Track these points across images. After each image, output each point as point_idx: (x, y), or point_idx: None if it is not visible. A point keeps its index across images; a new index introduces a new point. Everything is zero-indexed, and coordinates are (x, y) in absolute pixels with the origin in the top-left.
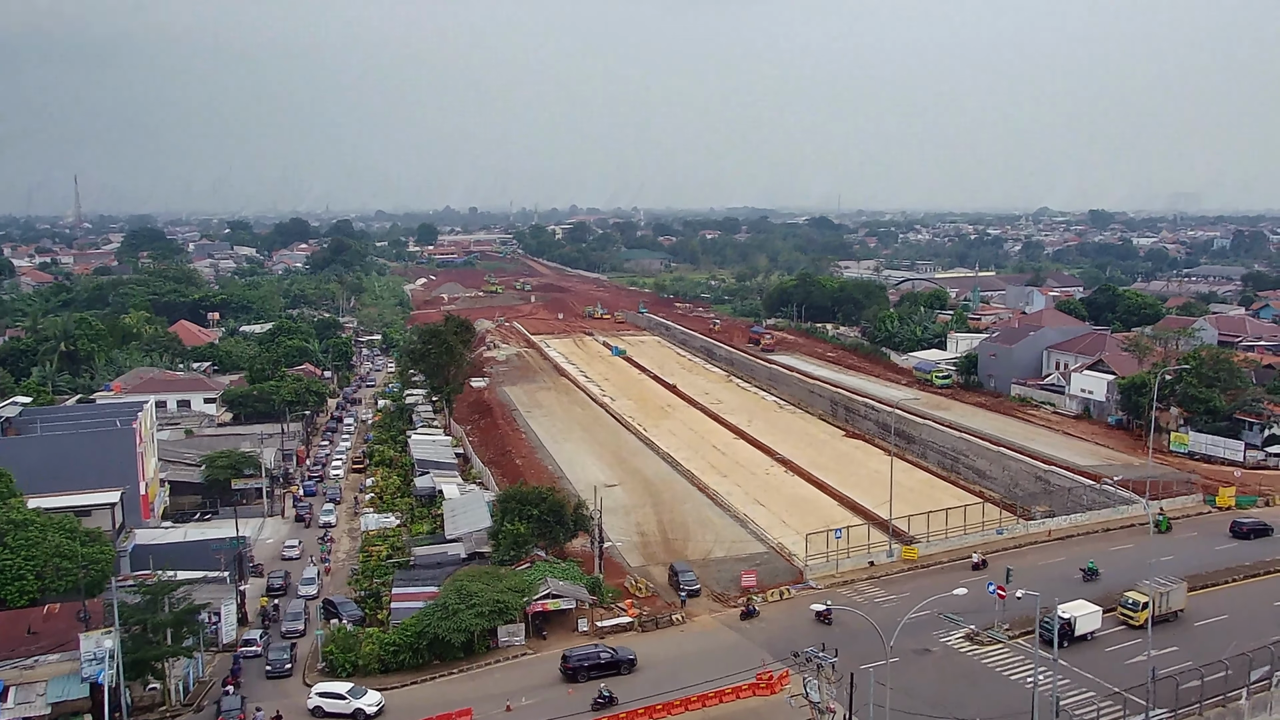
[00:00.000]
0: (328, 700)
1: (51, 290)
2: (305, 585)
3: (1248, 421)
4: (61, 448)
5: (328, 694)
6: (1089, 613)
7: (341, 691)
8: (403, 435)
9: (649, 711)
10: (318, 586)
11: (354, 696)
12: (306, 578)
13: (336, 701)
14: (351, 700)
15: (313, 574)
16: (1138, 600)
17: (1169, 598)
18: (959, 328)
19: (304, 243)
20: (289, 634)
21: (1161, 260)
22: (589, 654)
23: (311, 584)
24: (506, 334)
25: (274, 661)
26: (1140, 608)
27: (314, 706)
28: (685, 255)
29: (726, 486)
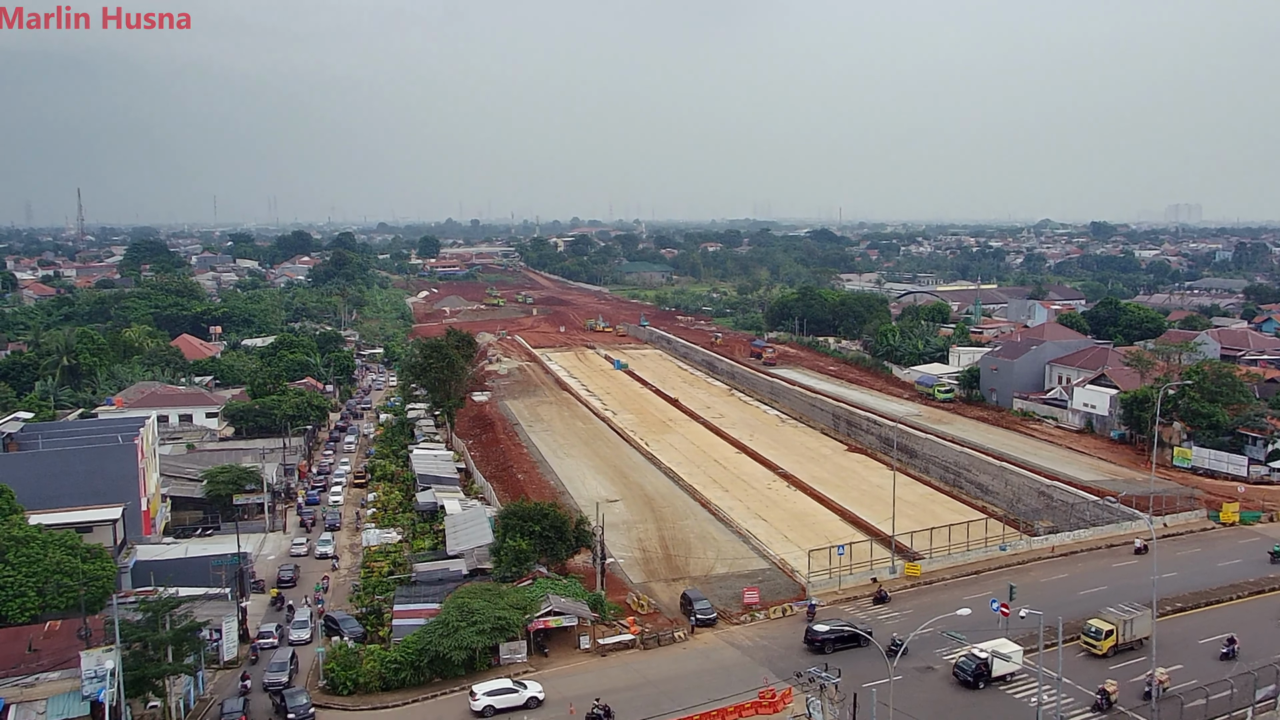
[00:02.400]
0: (498, 697)
1: (53, 303)
2: (298, 629)
3: (1251, 436)
4: (63, 463)
5: (495, 691)
6: (1009, 653)
7: (508, 685)
8: (404, 450)
9: (968, 654)
10: (310, 631)
11: (521, 687)
12: (299, 621)
13: (508, 695)
14: (522, 691)
15: (305, 616)
16: (1100, 628)
17: (1133, 625)
18: (961, 341)
19: (306, 255)
20: (271, 686)
21: (1163, 273)
22: None
23: (304, 628)
24: (508, 347)
25: None
26: (1104, 636)
27: (483, 707)
28: (687, 268)
29: (728, 502)
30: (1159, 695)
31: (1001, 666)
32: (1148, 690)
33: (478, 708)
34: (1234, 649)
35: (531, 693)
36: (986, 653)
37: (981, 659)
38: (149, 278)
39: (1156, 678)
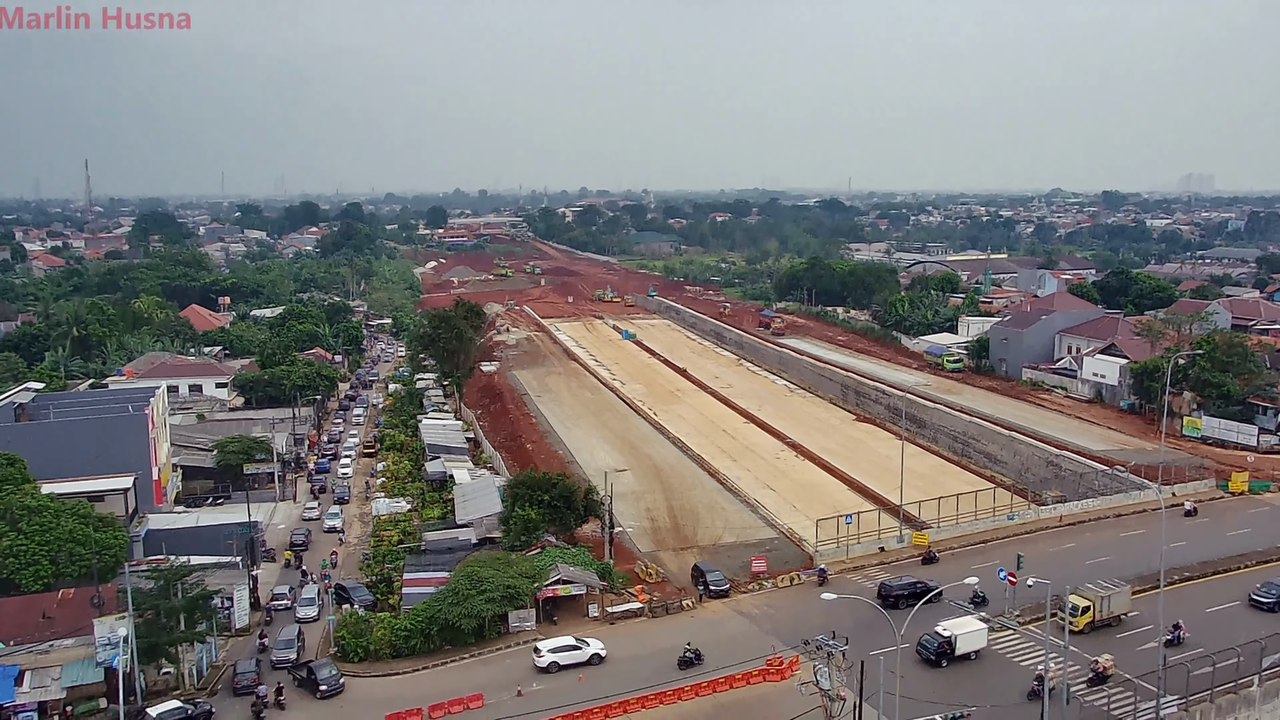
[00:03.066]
0: (562, 654)
1: (63, 275)
2: (304, 606)
3: (1261, 406)
4: (74, 433)
5: (559, 648)
6: (972, 631)
7: (571, 641)
8: (413, 420)
9: (659, 697)
10: (318, 608)
11: (584, 644)
12: (305, 598)
13: (571, 652)
14: (585, 647)
15: (312, 593)
16: (1078, 604)
17: (1110, 602)
18: (970, 311)
19: (314, 226)
20: (280, 664)
21: (1175, 242)
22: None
23: (311, 604)
24: (516, 318)
25: None
26: (1081, 612)
27: (548, 663)
28: (695, 238)
29: (736, 471)
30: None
31: (966, 644)
32: (1093, 674)
33: (543, 663)
34: (1179, 634)
35: (594, 649)
36: (950, 631)
37: (945, 637)
38: (157, 249)
39: (1101, 663)
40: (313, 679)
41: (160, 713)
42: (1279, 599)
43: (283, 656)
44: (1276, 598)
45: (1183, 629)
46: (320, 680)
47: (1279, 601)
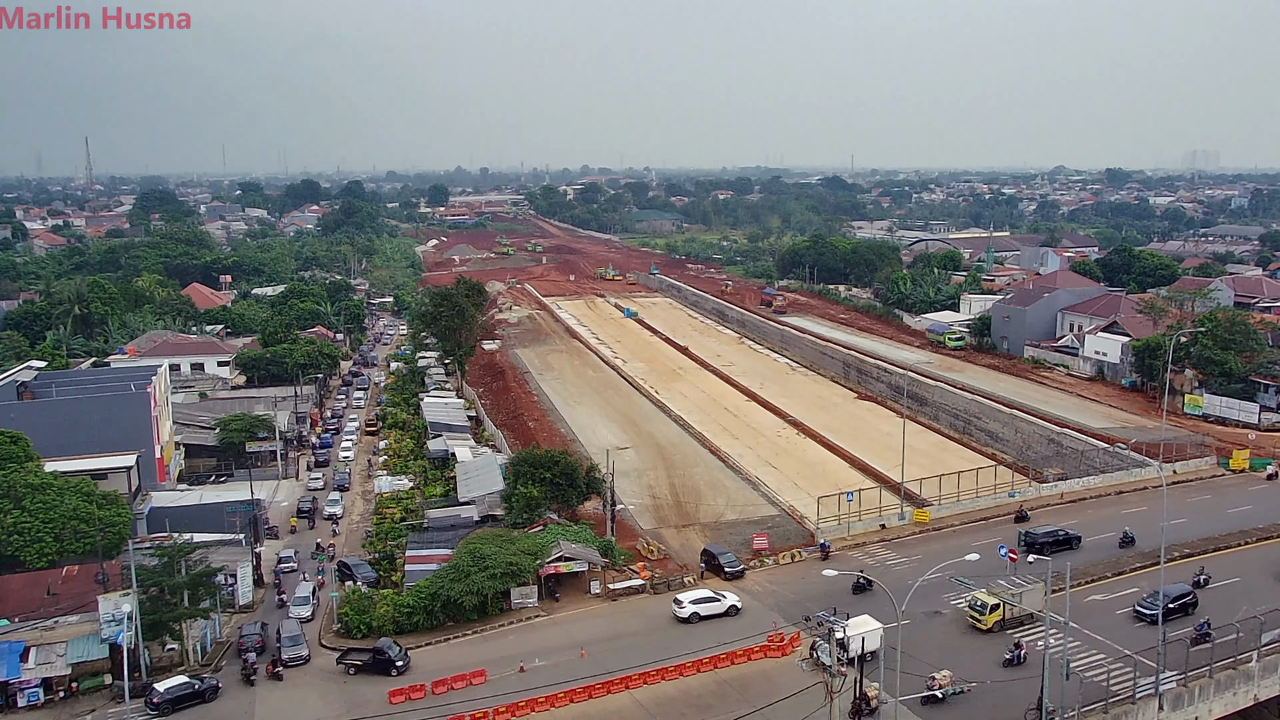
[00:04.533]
0: (702, 605)
1: (64, 253)
2: (298, 606)
3: (1263, 384)
4: (77, 411)
5: (699, 599)
6: (868, 631)
7: (710, 594)
8: (415, 398)
9: (661, 672)
10: (313, 606)
11: (721, 597)
12: (299, 597)
13: (710, 604)
14: (723, 600)
15: (306, 592)
16: (986, 602)
17: (1022, 599)
18: (972, 289)
19: (315, 204)
20: (293, 662)
21: (1178, 220)
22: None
23: (305, 604)
24: (518, 296)
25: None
26: (989, 610)
27: (689, 614)
28: (697, 216)
29: (738, 449)
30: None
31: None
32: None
33: (683, 615)
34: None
35: (731, 601)
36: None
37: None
38: (159, 227)
39: (937, 680)
40: (387, 659)
41: (168, 687)
42: (1162, 610)
43: (295, 655)
44: (1160, 609)
45: (1023, 648)
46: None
47: (1161, 613)
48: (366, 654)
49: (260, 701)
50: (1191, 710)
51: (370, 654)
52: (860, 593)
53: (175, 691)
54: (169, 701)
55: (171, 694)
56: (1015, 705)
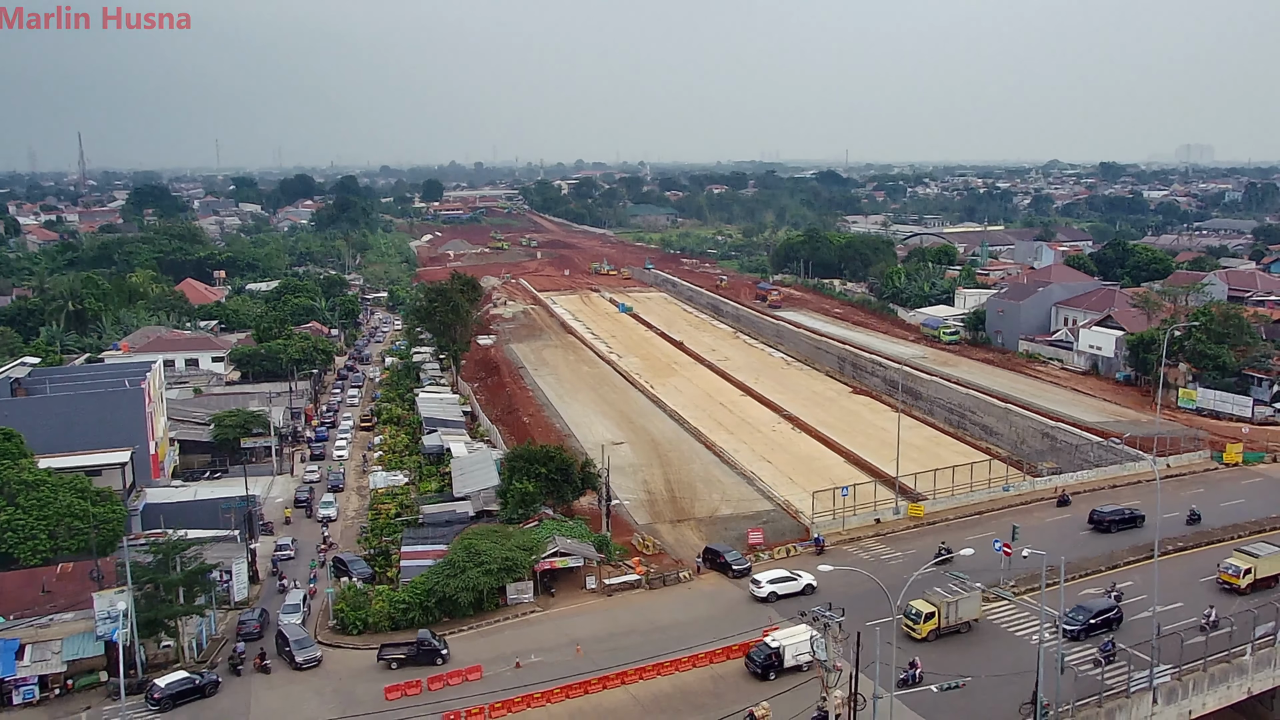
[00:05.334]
0: (780, 584)
1: (57, 249)
2: (289, 614)
3: (1256, 377)
4: (71, 408)
5: (776, 579)
6: (803, 640)
7: (786, 574)
8: (410, 393)
9: (657, 668)
10: (303, 616)
11: (796, 576)
12: (289, 604)
13: (787, 583)
14: (799, 579)
15: (297, 599)
16: (921, 610)
17: (959, 607)
18: (967, 283)
19: (309, 199)
20: (306, 664)
21: (1172, 214)
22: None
23: (296, 611)
24: (513, 291)
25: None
26: (924, 618)
27: (768, 593)
28: (692, 210)
29: (733, 444)
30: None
31: (795, 656)
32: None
33: (762, 594)
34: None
35: (807, 580)
36: (778, 642)
37: (773, 649)
38: (152, 222)
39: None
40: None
41: (169, 682)
42: (1085, 625)
43: (309, 657)
44: (1083, 624)
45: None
46: (440, 648)
47: (1085, 629)
48: (408, 646)
49: (256, 699)
50: (1185, 704)
51: (413, 646)
52: (943, 563)
53: (176, 687)
54: (169, 697)
55: (172, 689)
56: (1010, 700)
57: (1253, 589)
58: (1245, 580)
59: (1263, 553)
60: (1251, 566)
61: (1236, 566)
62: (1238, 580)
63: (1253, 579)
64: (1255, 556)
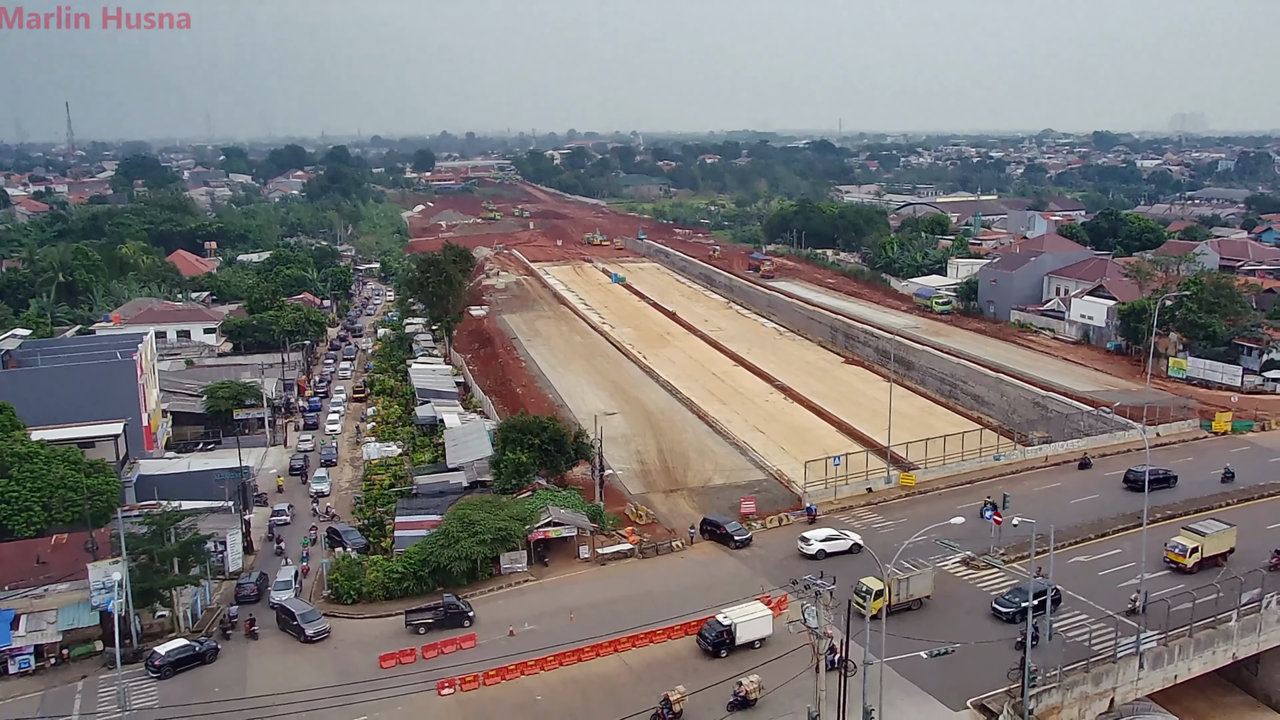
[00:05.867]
0: (828, 542)
1: (47, 220)
2: (279, 590)
3: (1246, 346)
4: (63, 380)
5: (825, 538)
6: (755, 618)
7: (834, 532)
8: (403, 364)
9: (649, 635)
10: (295, 591)
11: (844, 535)
12: (281, 581)
13: (836, 542)
14: (846, 538)
15: (290, 575)
16: (871, 588)
17: (909, 584)
18: (960, 253)
19: (300, 170)
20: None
21: (1165, 183)
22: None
23: (287, 588)
24: (505, 262)
25: None
26: (874, 596)
27: (816, 550)
28: (685, 180)
29: (726, 414)
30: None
31: (747, 633)
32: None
33: (810, 551)
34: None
35: (854, 539)
36: (729, 620)
37: (725, 625)
38: (142, 193)
39: (744, 687)
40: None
41: (169, 650)
42: (1020, 608)
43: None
44: (1018, 607)
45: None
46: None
47: (1020, 611)
48: (435, 610)
49: (251, 669)
50: (1171, 669)
51: (439, 609)
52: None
53: (176, 654)
54: (170, 664)
55: (172, 656)
56: (999, 665)
57: (1200, 568)
58: (1192, 559)
59: (1210, 531)
60: (1199, 545)
61: (1183, 545)
62: (1184, 559)
63: (1200, 558)
64: (1202, 535)
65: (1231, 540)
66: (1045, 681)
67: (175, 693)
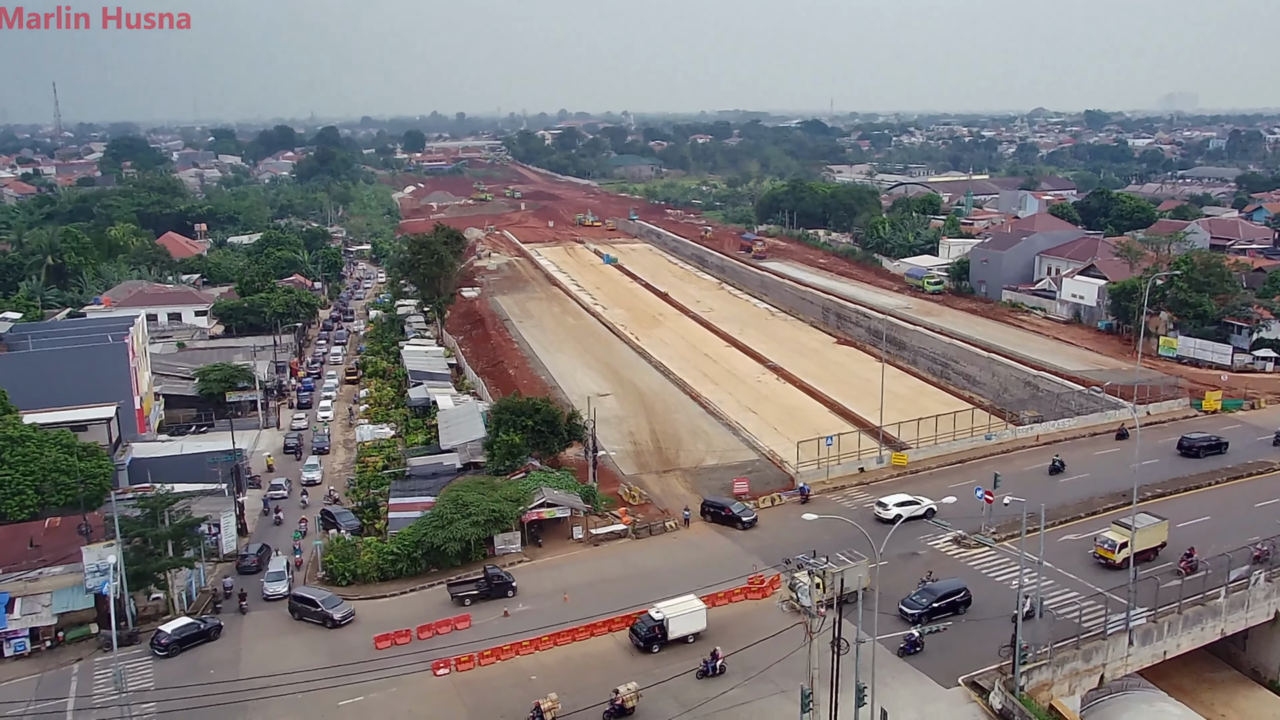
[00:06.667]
0: (904, 507)
1: (35, 202)
2: (273, 582)
3: (1236, 325)
4: (54, 363)
5: (901, 503)
6: (688, 613)
7: (909, 497)
8: (395, 346)
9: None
10: (288, 584)
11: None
12: (274, 572)
13: (912, 507)
14: (922, 503)
15: (281, 566)
16: (1115, 540)
17: (843, 578)
18: (951, 233)
19: (289, 151)
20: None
21: (1156, 162)
22: None
23: (280, 580)
24: (497, 243)
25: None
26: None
27: (894, 515)
28: (676, 161)
29: (719, 395)
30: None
31: (680, 627)
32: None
33: (888, 516)
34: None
35: (928, 504)
36: (662, 614)
37: (657, 620)
38: (131, 175)
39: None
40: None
41: (174, 628)
42: (927, 608)
43: (344, 613)
44: (925, 608)
45: (719, 657)
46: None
47: (926, 611)
48: (479, 581)
49: (247, 650)
50: (1160, 645)
51: (484, 580)
52: (1056, 474)
53: (181, 632)
54: (176, 642)
55: (178, 634)
56: (989, 642)
57: (1129, 563)
58: (1120, 555)
59: (1140, 524)
60: (1127, 540)
61: (1111, 540)
62: (1113, 555)
63: (1129, 553)
64: (1131, 529)
65: (1163, 534)
66: (1036, 658)
67: (171, 674)
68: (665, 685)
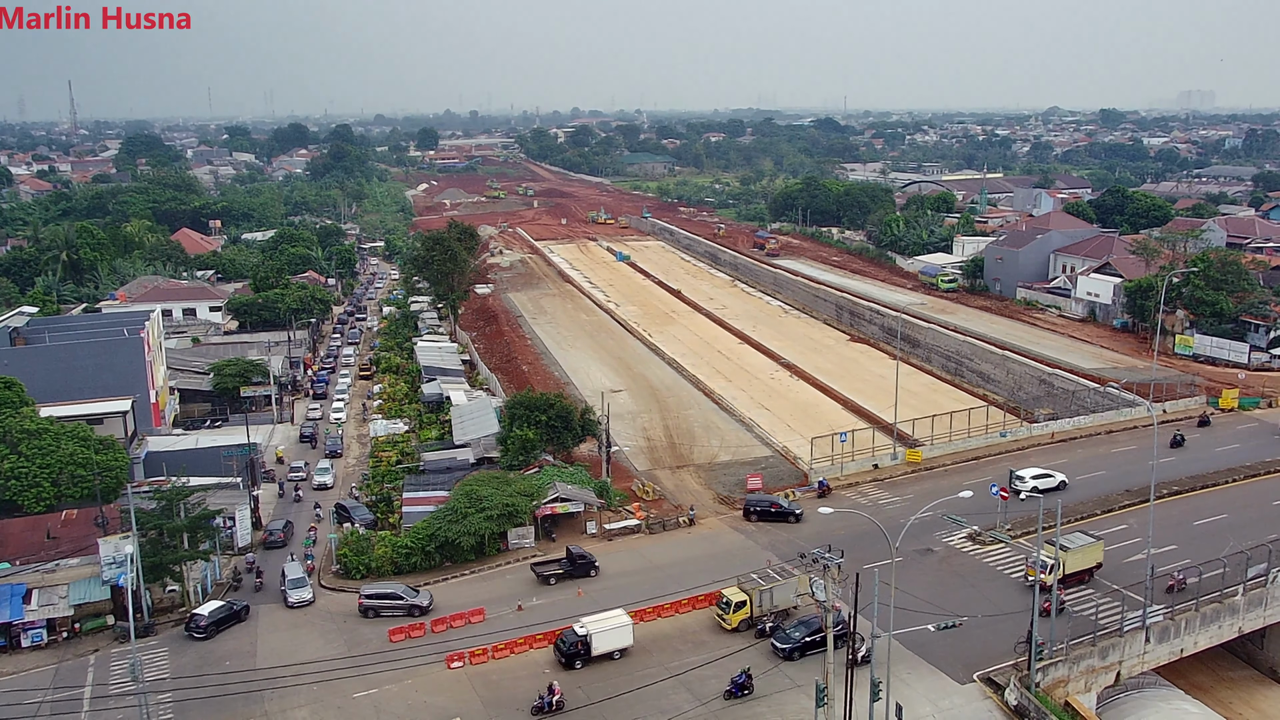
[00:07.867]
0: (1040, 480)
1: (51, 199)
2: (296, 589)
3: (1253, 324)
4: (71, 357)
5: (1038, 475)
6: (613, 628)
7: (1043, 471)
8: (409, 342)
9: (657, 610)
10: (311, 590)
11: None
12: (295, 579)
13: (1046, 479)
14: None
15: (300, 572)
16: (731, 599)
17: (773, 594)
18: (965, 231)
19: (303, 148)
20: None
21: (1172, 161)
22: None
23: (303, 586)
24: (510, 240)
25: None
26: (734, 608)
27: (1030, 489)
28: (689, 159)
29: (732, 392)
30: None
31: (604, 644)
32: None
33: (1026, 489)
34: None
35: (1060, 477)
36: (586, 629)
37: (580, 636)
38: (146, 172)
39: (556, 687)
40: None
41: (210, 610)
42: (799, 643)
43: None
44: (797, 642)
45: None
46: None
47: (798, 647)
48: (561, 561)
49: (262, 642)
50: (1178, 642)
51: (567, 560)
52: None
53: (217, 614)
54: (214, 624)
55: (214, 616)
56: (1006, 638)
57: (1062, 585)
58: (1051, 577)
59: (1073, 545)
60: (1060, 561)
61: (1044, 561)
62: (1046, 577)
63: (1061, 574)
64: (1065, 549)
65: (1098, 555)
66: (1052, 655)
67: (185, 665)
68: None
